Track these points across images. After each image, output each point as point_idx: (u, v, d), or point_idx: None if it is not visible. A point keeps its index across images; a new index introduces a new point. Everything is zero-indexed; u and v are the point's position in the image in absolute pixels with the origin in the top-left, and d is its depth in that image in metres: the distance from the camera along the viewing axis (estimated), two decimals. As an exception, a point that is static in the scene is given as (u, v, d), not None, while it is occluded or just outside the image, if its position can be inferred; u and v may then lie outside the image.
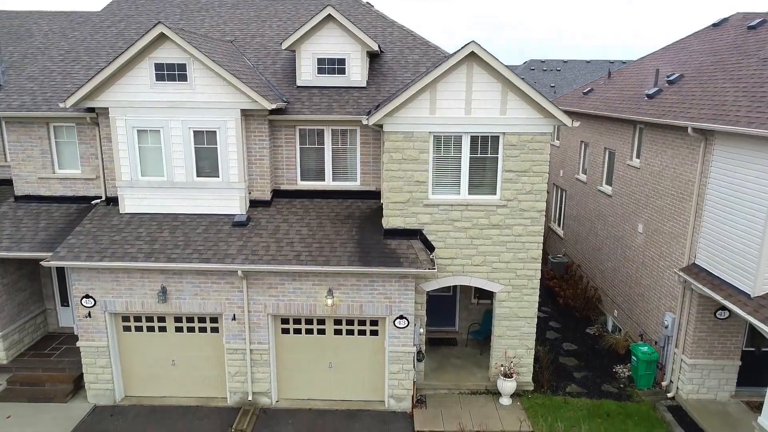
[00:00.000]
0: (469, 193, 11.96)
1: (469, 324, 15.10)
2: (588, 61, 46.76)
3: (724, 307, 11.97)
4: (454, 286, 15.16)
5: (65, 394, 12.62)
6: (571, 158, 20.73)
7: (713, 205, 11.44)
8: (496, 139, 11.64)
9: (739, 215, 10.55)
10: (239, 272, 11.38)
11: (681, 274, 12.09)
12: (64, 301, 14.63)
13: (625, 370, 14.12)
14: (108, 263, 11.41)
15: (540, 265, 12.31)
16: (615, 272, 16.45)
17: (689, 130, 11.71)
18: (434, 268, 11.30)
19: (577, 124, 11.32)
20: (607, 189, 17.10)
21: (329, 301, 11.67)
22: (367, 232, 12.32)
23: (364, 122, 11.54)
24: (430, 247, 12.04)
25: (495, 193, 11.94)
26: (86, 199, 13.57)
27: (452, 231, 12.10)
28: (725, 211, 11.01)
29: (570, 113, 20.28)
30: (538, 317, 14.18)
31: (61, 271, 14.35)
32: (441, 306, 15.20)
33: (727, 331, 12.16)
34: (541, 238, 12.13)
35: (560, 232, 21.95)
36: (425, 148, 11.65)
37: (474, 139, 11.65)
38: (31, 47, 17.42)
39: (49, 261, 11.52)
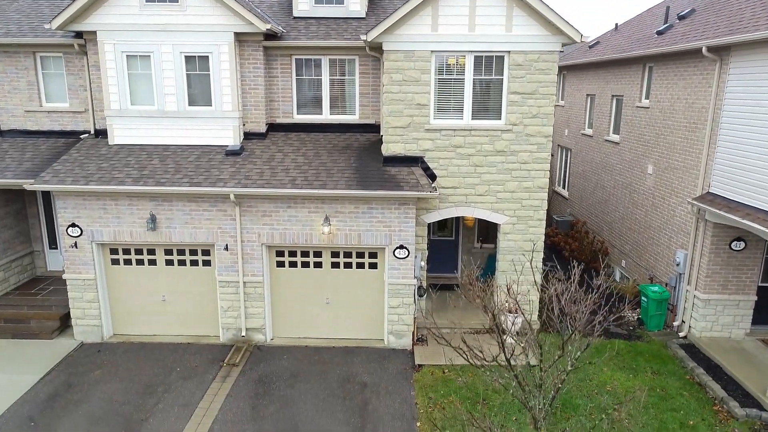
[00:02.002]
0: (473, 118, 11.43)
1: (471, 268, 14.54)
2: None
3: (739, 238, 11.45)
4: (456, 230, 14.64)
5: (51, 331, 12.12)
6: (576, 115, 20.18)
7: (728, 128, 10.90)
8: (501, 58, 11.10)
9: (757, 132, 10.01)
10: (231, 196, 10.86)
11: (695, 203, 11.54)
12: (53, 244, 14.12)
13: (634, 315, 13.58)
14: (94, 186, 10.90)
15: (546, 195, 11.79)
16: (623, 221, 15.91)
17: (703, 50, 11.15)
18: (435, 191, 10.78)
19: (587, 38, 10.79)
20: (615, 137, 16.56)
21: (326, 229, 11.15)
22: (366, 161, 11.80)
23: (362, 37, 11.00)
24: (431, 177, 11.51)
25: (500, 118, 11.41)
26: (74, 134, 13.04)
27: (455, 158, 11.57)
28: (741, 132, 10.47)
29: (576, 66, 19.77)
30: (542, 270, 13.68)
31: (49, 212, 13.85)
32: (443, 251, 14.67)
33: (742, 264, 11.62)
34: (548, 166, 11.61)
35: (565, 193, 21.40)
36: (427, 69, 11.11)
37: (478, 59, 11.12)
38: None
39: (33, 185, 11.02)
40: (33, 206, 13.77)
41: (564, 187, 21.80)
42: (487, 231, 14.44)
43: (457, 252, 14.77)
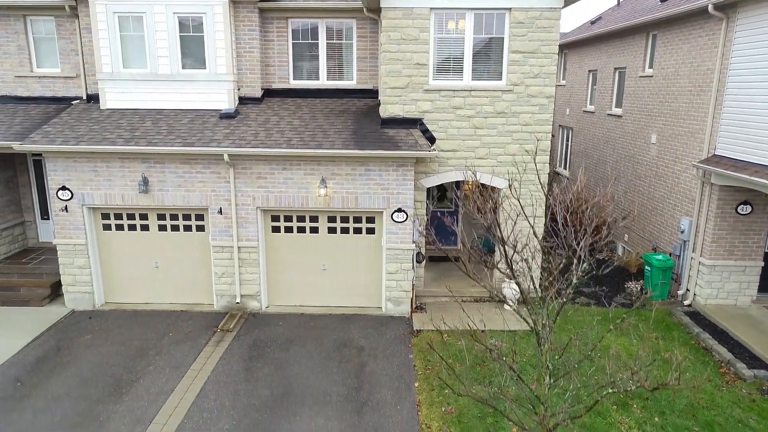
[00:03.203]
0: (473, 78, 11.16)
1: (471, 239, 14.27)
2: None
3: (746, 202, 11.18)
4: (456, 202, 14.37)
5: (41, 298, 11.85)
6: (578, 93, 19.90)
7: (735, 88, 10.63)
8: (501, 16, 10.82)
9: (765, 88, 9.73)
10: (225, 157, 10.58)
11: (701, 165, 11.26)
12: (45, 215, 13.85)
13: (637, 285, 13.29)
14: (85, 146, 10.62)
15: (549, 158, 11.52)
16: (625, 195, 15.63)
17: (710, 8, 10.86)
18: (434, 150, 10.51)
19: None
20: (617, 111, 16.28)
21: (322, 191, 10.87)
22: (364, 123, 11.53)
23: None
24: (430, 139, 11.24)
25: (500, 78, 11.14)
26: (66, 100, 12.77)
27: (454, 120, 11.30)
28: (749, 90, 10.20)
29: (577, 43, 19.50)
30: (542, 247, 13.43)
31: (41, 182, 13.57)
32: (442, 222, 14.36)
33: (748, 229, 11.34)
34: (550, 128, 11.33)
35: (566, 173, 21.12)
36: (426, 27, 10.84)
37: (478, 17, 10.84)
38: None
39: (22, 145, 10.74)
40: (24, 175, 13.50)
41: (565, 168, 21.51)
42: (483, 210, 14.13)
43: (456, 223, 14.48)
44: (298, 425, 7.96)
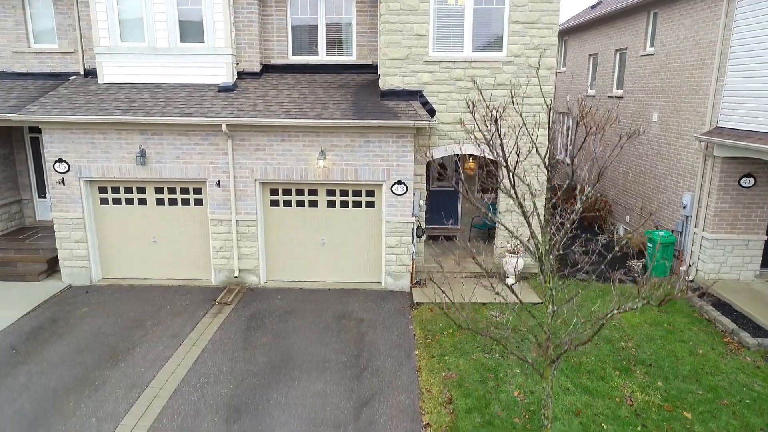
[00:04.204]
0: (473, 50, 11.07)
1: (471, 218, 14.20)
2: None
3: (749, 174, 11.08)
4: (457, 180, 14.27)
5: (37, 273, 11.74)
6: (579, 78, 19.82)
7: (737, 58, 10.53)
8: (502, -14, 10.75)
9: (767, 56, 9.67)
10: (223, 127, 10.47)
11: (703, 137, 11.16)
12: (42, 193, 13.73)
13: (639, 264, 13.10)
14: (82, 117, 10.53)
15: (548, 133, 11.38)
16: (626, 175, 15.54)
17: (712, -21, 10.81)
18: (434, 120, 10.41)
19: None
20: (618, 92, 16.20)
21: (321, 163, 10.78)
22: (363, 96, 11.43)
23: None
24: (430, 111, 11.14)
25: (501, 50, 11.05)
26: (64, 76, 12.63)
27: (454, 92, 11.21)
28: (751, 58, 10.10)
29: (578, 28, 19.43)
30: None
31: (38, 159, 13.46)
32: (442, 202, 14.29)
33: (751, 202, 11.24)
34: (551, 99, 11.22)
35: (567, 161, 21.00)
36: (426, -3, 10.76)
37: (478, -13, 10.77)
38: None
39: (19, 115, 10.65)
40: (21, 152, 13.40)
41: (566, 155, 21.40)
42: (488, 180, 14.04)
43: (456, 203, 14.40)
44: (296, 390, 7.84)
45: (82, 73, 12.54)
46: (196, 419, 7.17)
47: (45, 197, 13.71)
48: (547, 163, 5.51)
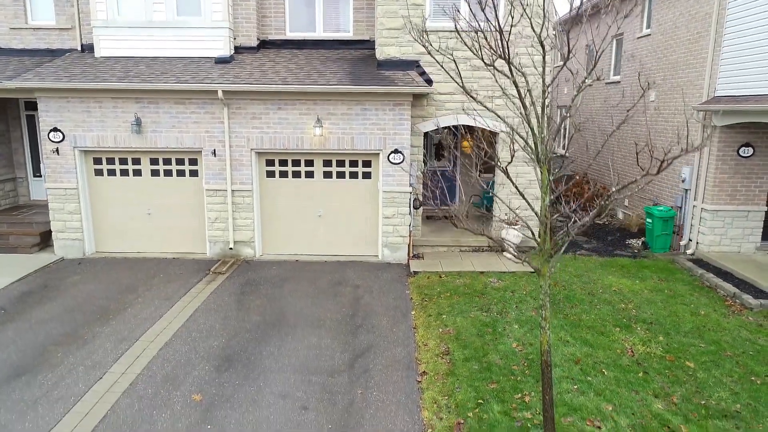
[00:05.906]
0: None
1: (470, 197, 14.09)
2: None
3: (748, 144, 11.03)
4: (454, 159, 14.22)
5: (30, 246, 11.60)
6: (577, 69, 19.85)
7: (733, 26, 10.54)
8: (498, -45, 10.79)
9: (764, 18, 9.65)
10: (219, 94, 10.42)
11: (702, 106, 11.13)
12: (37, 172, 13.63)
13: (638, 242, 13.06)
14: (78, 83, 10.48)
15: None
16: (625, 159, 15.48)
17: (706, -51, 10.87)
18: (431, 87, 10.37)
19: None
20: (615, 78, 16.24)
21: (317, 131, 10.71)
22: (360, 66, 11.42)
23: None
24: (428, 81, 11.11)
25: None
26: (61, 52, 12.62)
27: (451, 62, 11.14)
28: (747, 22, 10.10)
29: (574, 18, 19.50)
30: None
31: (33, 138, 13.40)
32: (440, 182, 14.17)
33: (751, 173, 11.17)
34: (546, 71, 11.18)
35: (563, 152, 20.99)
36: (422, -34, 10.80)
37: (475, -43, 10.79)
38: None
39: (14, 81, 10.61)
40: (17, 129, 13.34)
41: (563, 148, 21.39)
42: (483, 155, 13.99)
43: (454, 182, 14.31)
44: (290, 343, 7.67)
45: (79, 48, 12.53)
46: (186, 367, 6.99)
47: (40, 176, 13.60)
48: (542, 39, 5.04)
